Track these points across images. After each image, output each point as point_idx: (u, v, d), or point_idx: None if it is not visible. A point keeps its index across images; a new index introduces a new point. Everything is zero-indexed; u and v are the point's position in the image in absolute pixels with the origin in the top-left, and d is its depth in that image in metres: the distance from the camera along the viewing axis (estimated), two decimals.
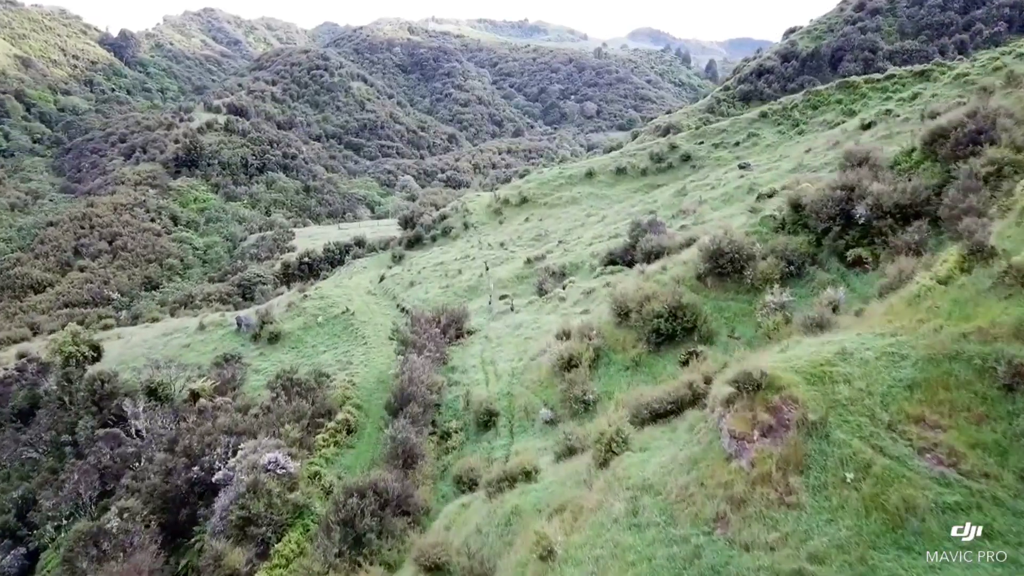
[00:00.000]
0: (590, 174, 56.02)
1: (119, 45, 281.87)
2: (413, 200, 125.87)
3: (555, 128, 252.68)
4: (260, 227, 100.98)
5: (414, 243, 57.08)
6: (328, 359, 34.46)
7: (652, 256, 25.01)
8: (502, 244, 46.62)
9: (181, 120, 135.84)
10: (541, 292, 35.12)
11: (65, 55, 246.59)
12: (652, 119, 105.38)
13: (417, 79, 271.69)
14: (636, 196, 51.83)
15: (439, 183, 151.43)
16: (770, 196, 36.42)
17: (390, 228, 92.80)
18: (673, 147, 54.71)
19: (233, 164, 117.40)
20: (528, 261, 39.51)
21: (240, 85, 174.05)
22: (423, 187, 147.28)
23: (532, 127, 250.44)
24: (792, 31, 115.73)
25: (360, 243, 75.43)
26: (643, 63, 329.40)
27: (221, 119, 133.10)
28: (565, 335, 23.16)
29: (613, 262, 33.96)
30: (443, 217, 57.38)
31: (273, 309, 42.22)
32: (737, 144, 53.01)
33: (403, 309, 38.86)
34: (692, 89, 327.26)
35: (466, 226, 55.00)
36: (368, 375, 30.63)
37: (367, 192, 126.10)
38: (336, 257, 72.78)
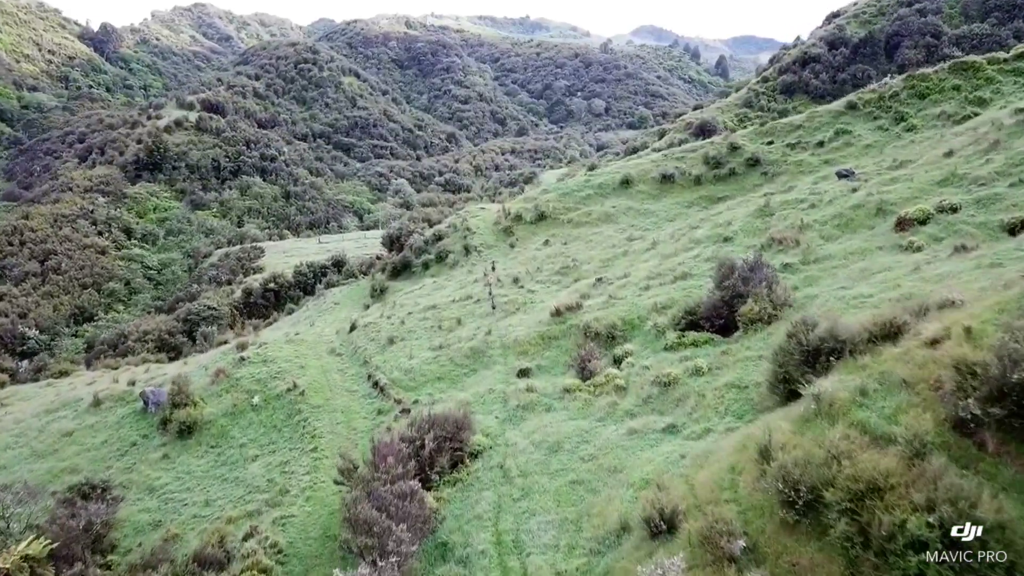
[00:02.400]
0: (626, 183, 44.39)
1: (100, 40, 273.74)
2: (407, 207, 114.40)
3: (561, 126, 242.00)
4: (230, 240, 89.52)
5: (400, 271, 45.51)
6: (256, 474, 23.02)
7: (814, 357, 13.08)
8: (516, 280, 34.98)
9: (149, 118, 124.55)
10: (583, 372, 23.22)
11: (40, 50, 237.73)
12: (681, 115, 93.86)
13: (414, 75, 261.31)
14: (692, 212, 40.22)
15: (437, 187, 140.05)
16: (922, 223, 25.35)
17: (378, 241, 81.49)
18: (734, 148, 43.09)
19: (203, 167, 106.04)
20: (557, 313, 27.81)
21: (219, 80, 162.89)
22: (419, 191, 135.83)
23: (537, 125, 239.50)
24: (835, 15, 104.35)
25: (339, 264, 64.01)
26: (651, 59, 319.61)
27: (192, 116, 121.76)
28: (661, 521, 11.24)
29: (695, 325, 22.27)
30: (438, 237, 45.82)
31: (195, 377, 30.66)
32: (821, 144, 41.38)
33: (377, 384, 27.25)
34: (702, 86, 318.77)
35: (467, 250, 43.39)
36: (308, 522, 19.24)
37: (355, 198, 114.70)
38: (308, 282, 61.35)
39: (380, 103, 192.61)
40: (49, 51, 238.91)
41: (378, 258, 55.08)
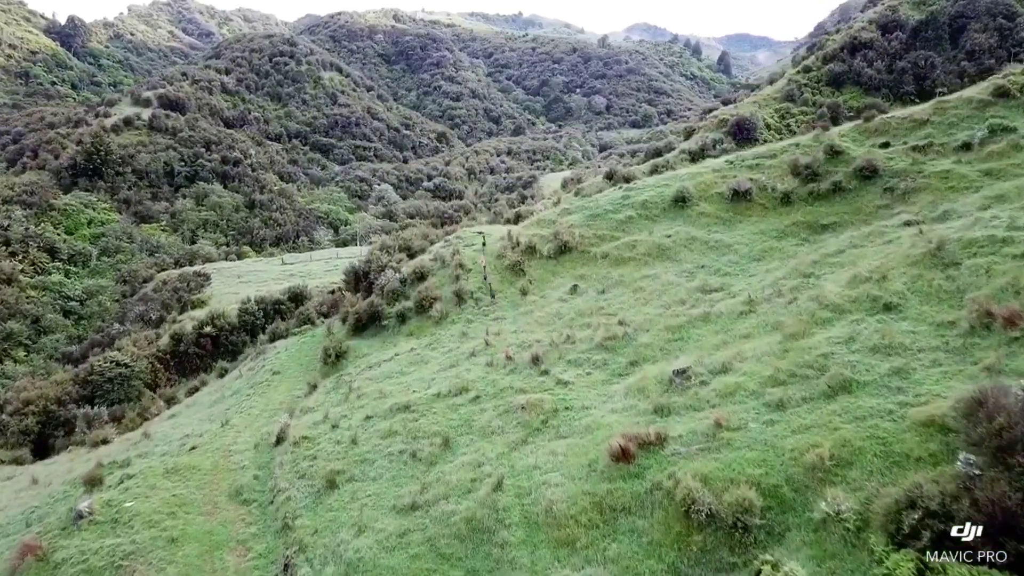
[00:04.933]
0: (682, 201, 32.29)
1: (66, 34, 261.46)
2: (391, 217, 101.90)
3: (560, 125, 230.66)
4: (177, 260, 76.83)
5: (367, 324, 33.28)
6: None
7: None
8: (535, 360, 22.81)
9: (97, 115, 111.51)
10: None
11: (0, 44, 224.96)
12: (712, 111, 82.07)
13: (402, 70, 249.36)
14: (789, 247, 28.14)
15: (425, 192, 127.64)
16: None
17: (353, 260, 69.20)
18: (835, 153, 31.18)
19: (153, 172, 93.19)
20: (622, 456, 15.55)
21: (184, 74, 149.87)
22: (404, 198, 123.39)
23: (534, 124, 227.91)
24: None
25: (297, 298, 51.64)
26: (651, 55, 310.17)
27: (146, 114, 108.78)
28: None
29: (942, 537, 9.88)
30: (420, 276, 33.67)
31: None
32: (967, 147, 29.36)
33: None
34: (704, 83, 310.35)
35: (460, 298, 31.14)
36: None
37: (331, 207, 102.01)
38: (256, 322, 48.95)
39: (364, 100, 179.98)
40: (10, 45, 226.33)
41: (340, 291, 42.65)
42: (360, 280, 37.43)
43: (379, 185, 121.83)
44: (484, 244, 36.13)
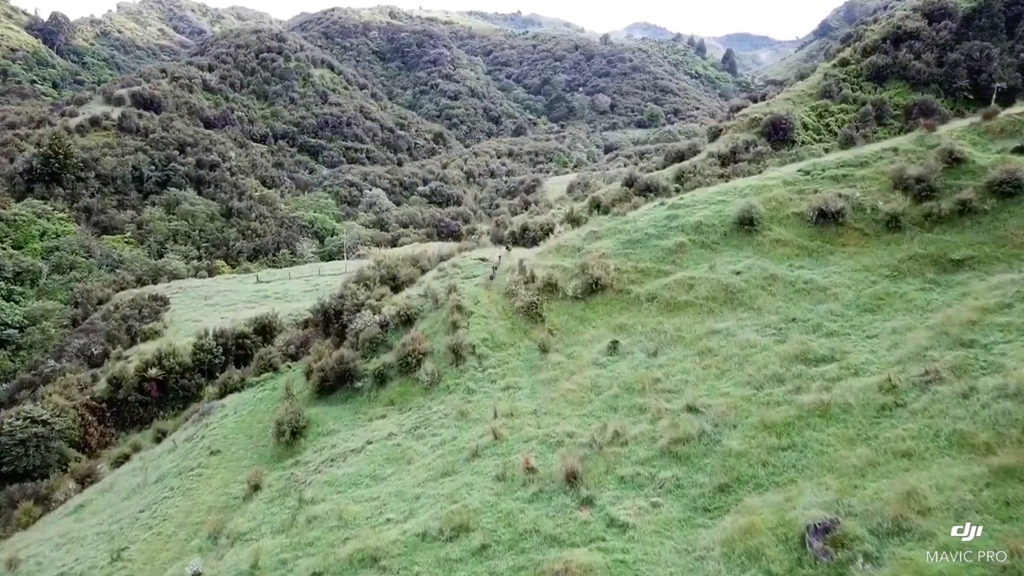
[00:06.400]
0: (748, 223, 24.68)
1: (50, 31, 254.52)
2: (382, 226, 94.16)
3: (562, 125, 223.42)
4: (140, 277, 69.14)
5: (335, 386, 25.63)
6: None
7: None
8: (571, 479, 15.25)
9: (63, 114, 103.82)
10: None
11: None
12: (740, 109, 74.57)
13: (398, 68, 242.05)
14: (913, 292, 20.63)
15: (420, 197, 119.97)
16: None
17: (338, 278, 61.67)
18: (955, 160, 23.55)
19: (120, 177, 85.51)
20: None
21: (164, 71, 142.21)
22: (398, 204, 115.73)
23: (535, 124, 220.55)
24: None
25: (265, 331, 44.04)
26: (655, 53, 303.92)
27: (116, 113, 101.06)
28: None
29: None
30: (406, 320, 26.15)
31: None
32: None
33: None
34: (709, 81, 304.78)
35: (458, 355, 23.55)
36: None
37: (317, 215, 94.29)
38: (215, 360, 41.30)
39: (356, 99, 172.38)
40: None
41: (311, 326, 34.90)
42: (331, 322, 29.77)
43: (370, 190, 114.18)
44: (494, 272, 28.48)
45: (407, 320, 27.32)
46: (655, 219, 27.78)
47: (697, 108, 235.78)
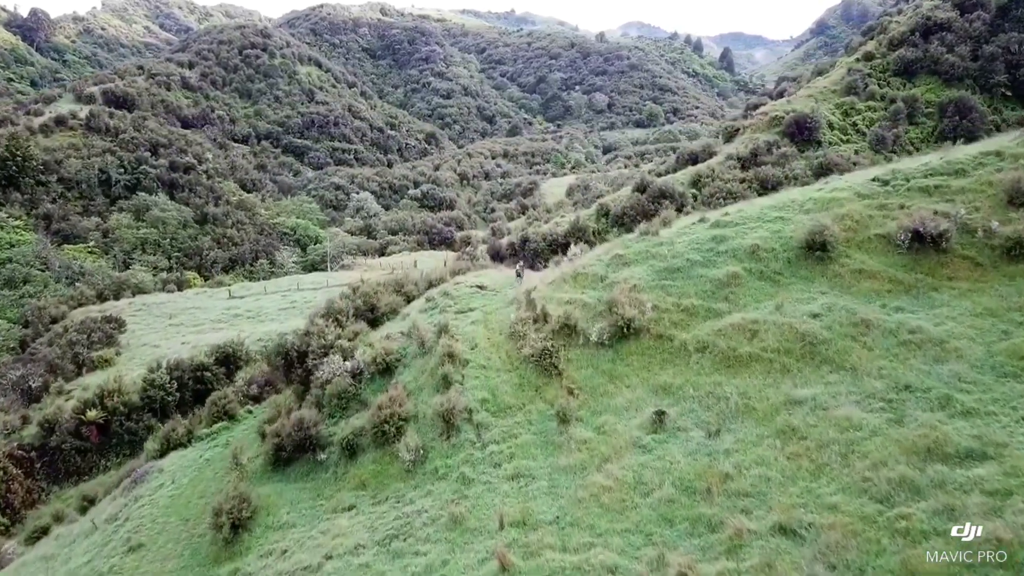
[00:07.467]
0: (819, 248, 19.30)
1: (29, 28, 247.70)
2: (370, 233, 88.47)
3: (559, 125, 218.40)
4: (101, 292, 63.33)
5: (292, 457, 20.12)
6: None
7: None
8: None
9: (28, 113, 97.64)
10: None
11: None
12: (758, 107, 69.49)
13: (388, 65, 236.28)
14: None
15: (411, 201, 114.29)
16: None
17: (318, 292, 56.17)
18: None
19: (85, 181, 79.55)
20: None
21: (140, 68, 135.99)
22: (387, 208, 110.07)
23: (531, 124, 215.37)
24: None
25: (229, 362, 38.48)
26: (652, 51, 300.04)
27: (85, 112, 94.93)
28: None
29: None
30: (384, 369, 20.65)
31: None
32: None
33: None
34: (707, 80, 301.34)
35: (450, 423, 17.92)
36: None
37: (300, 221, 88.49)
38: (168, 398, 35.70)
39: (345, 97, 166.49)
40: None
41: (271, 368, 29.18)
42: (293, 366, 24.22)
43: (358, 194, 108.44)
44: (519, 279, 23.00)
45: (386, 369, 21.88)
46: (697, 240, 22.38)
47: (697, 107, 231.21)
